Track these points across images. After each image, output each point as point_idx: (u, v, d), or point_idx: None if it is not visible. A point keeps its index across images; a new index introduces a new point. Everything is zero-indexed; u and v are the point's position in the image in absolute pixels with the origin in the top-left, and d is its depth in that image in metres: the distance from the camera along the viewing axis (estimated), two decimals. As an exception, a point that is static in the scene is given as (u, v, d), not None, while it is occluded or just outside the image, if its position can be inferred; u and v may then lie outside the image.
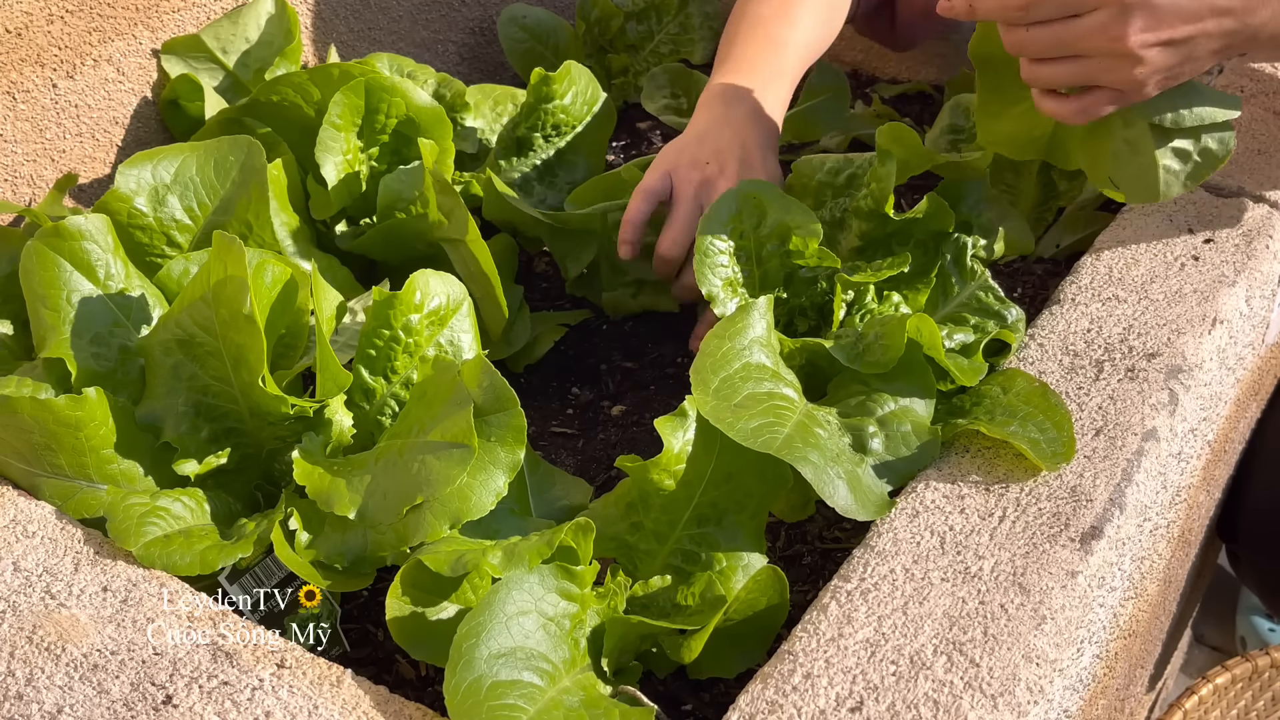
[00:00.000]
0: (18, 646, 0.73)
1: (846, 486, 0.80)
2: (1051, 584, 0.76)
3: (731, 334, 0.88)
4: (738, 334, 0.88)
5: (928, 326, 0.88)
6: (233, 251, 0.81)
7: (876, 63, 1.58)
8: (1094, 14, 0.90)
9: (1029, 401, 0.87)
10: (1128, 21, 0.89)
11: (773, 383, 0.86)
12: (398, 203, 1.10)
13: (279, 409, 0.86)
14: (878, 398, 0.88)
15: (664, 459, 0.82)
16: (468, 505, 0.77)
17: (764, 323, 0.90)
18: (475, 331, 0.94)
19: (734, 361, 0.86)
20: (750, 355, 0.87)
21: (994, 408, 0.88)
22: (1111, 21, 0.89)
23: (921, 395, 0.88)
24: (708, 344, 0.87)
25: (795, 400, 0.86)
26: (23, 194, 1.16)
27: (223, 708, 0.69)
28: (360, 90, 1.09)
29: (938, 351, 0.89)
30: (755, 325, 0.89)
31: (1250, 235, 1.06)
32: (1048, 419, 0.85)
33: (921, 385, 0.89)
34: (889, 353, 0.89)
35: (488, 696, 0.68)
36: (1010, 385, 0.89)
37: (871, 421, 0.86)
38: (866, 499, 0.81)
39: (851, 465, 0.82)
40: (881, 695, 0.70)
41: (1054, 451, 0.83)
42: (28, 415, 0.82)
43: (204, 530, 0.82)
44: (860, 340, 0.92)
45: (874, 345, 0.91)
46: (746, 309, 0.90)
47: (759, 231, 1.01)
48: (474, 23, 1.56)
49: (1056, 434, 0.84)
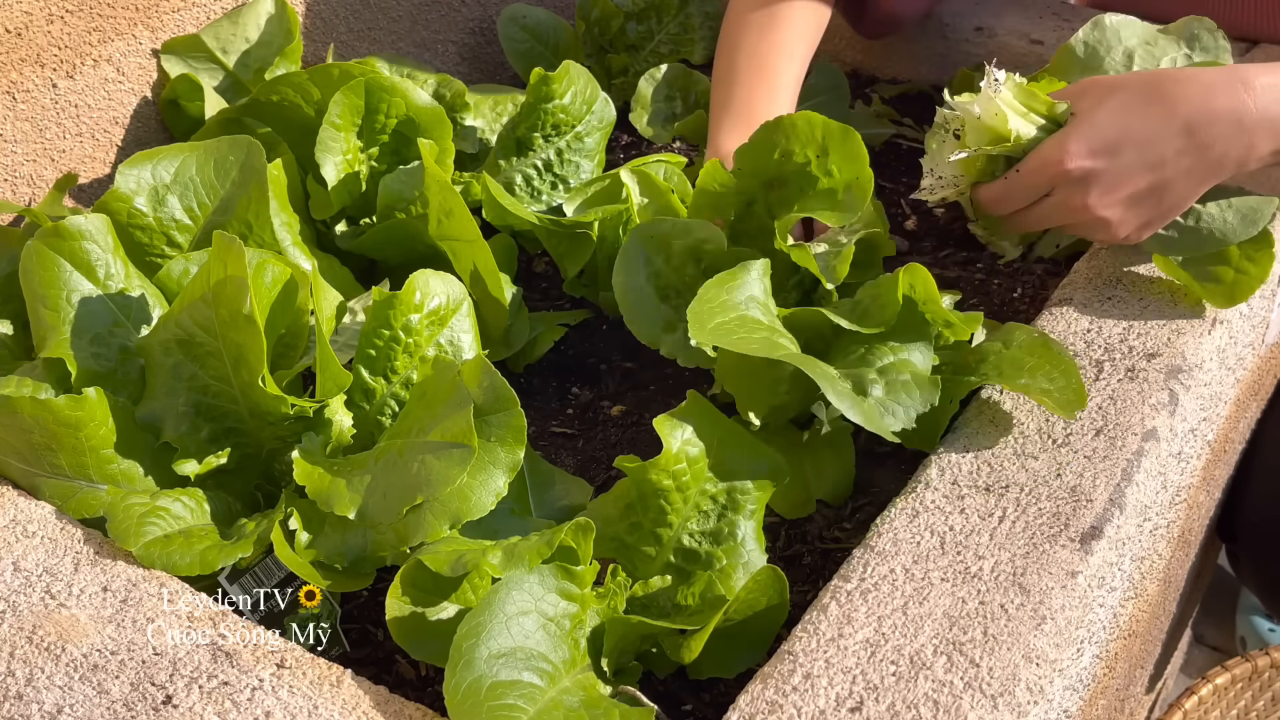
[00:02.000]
0: (18, 646, 0.73)
1: (854, 403, 0.81)
2: (1051, 584, 0.76)
3: (729, 287, 0.87)
4: (735, 288, 0.87)
5: (921, 278, 0.88)
6: (233, 251, 0.81)
7: (876, 63, 1.58)
8: (1056, 192, 0.95)
9: (1032, 353, 0.88)
10: (1086, 191, 0.93)
11: (768, 333, 0.86)
12: (398, 203, 1.10)
13: (279, 409, 0.86)
14: (877, 350, 0.88)
15: (663, 459, 0.82)
16: (468, 505, 0.77)
17: (761, 284, 0.89)
18: (475, 331, 0.94)
19: (730, 311, 0.86)
20: (747, 309, 0.87)
21: (1000, 363, 0.89)
22: (1072, 194, 0.94)
23: (921, 343, 0.88)
24: (705, 290, 0.86)
25: (793, 345, 0.86)
26: (23, 194, 1.16)
27: (223, 708, 0.69)
28: (360, 90, 1.09)
29: (935, 304, 0.89)
30: (752, 284, 0.89)
31: (1250, 235, 1.06)
32: (1054, 368, 0.86)
33: (918, 336, 0.89)
34: (887, 310, 0.89)
35: (488, 696, 0.68)
36: (1010, 339, 0.90)
37: (871, 371, 0.86)
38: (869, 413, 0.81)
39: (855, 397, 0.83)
40: (881, 695, 0.70)
41: (1067, 399, 0.84)
42: (28, 415, 0.82)
43: (204, 530, 0.82)
44: (858, 305, 0.92)
45: (871, 306, 0.91)
46: (744, 266, 0.89)
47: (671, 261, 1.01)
48: (474, 23, 1.56)
49: (1065, 382, 0.85)
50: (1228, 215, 0.96)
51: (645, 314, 0.98)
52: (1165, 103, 0.91)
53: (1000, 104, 0.96)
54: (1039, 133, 0.97)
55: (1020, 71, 1.35)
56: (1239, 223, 0.95)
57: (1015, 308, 1.15)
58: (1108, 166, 0.92)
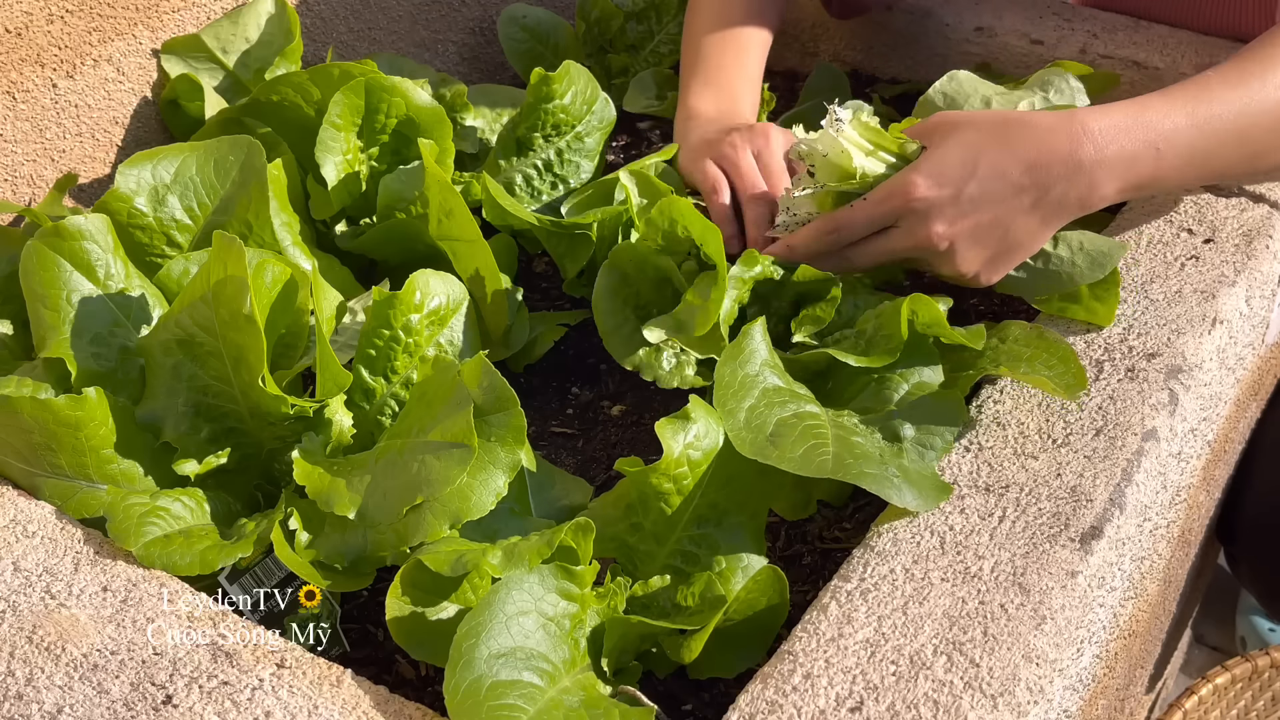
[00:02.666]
0: (18, 646, 0.73)
1: (908, 485, 0.80)
2: (1051, 584, 0.76)
3: (740, 361, 0.88)
4: (746, 361, 0.88)
5: (923, 305, 0.88)
6: (233, 251, 0.81)
7: (876, 63, 1.58)
8: (901, 222, 0.95)
9: (1029, 344, 0.89)
10: (930, 221, 0.93)
11: (795, 403, 0.86)
12: (398, 203, 1.10)
13: (279, 409, 0.86)
14: (889, 382, 0.89)
15: (664, 464, 0.82)
16: (468, 505, 0.76)
17: (765, 344, 0.90)
18: (475, 331, 0.94)
19: (753, 389, 0.86)
20: (765, 380, 0.87)
21: (998, 356, 0.90)
22: (917, 224, 0.94)
23: (929, 365, 0.89)
24: (721, 373, 0.86)
25: (820, 415, 0.86)
26: (23, 194, 1.16)
27: (223, 708, 0.69)
28: (360, 90, 1.09)
29: (941, 327, 0.90)
30: (759, 349, 0.89)
31: (1250, 235, 1.06)
32: (1052, 355, 0.88)
33: (925, 358, 0.90)
34: (893, 340, 0.90)
35: (488, 696, 0.68)
36: (1007, 334, 0.92)
37: (892, 407, 0.87)
38: (925, 487, 0.81)
39: (897, 460, 0.83)
40: (881, 695, 0.70)
41: (1068, 382, 0.86)
42: (28, 415, 0.82)
43: (204, 530, 0.82)
44: (861, 337, 0.93)
45: (876, 338, 0.91)
46: (747, 333, 0.90)
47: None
48: (474, 23, 1.56)
49: (1064, 368, 0.87)
50: (1077, 258, 0.97)
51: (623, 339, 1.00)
52: (1009, 143, 0.93)
53: (844, 141, 0.96)
54: (887, 170, 0.97)
55: (1020, 72, 1.36)
56: (1087, 266, 0.97)
57: (1015, 307, 1.15)
58: (952, 196, 0.92)
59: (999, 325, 0.94)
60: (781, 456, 0.80)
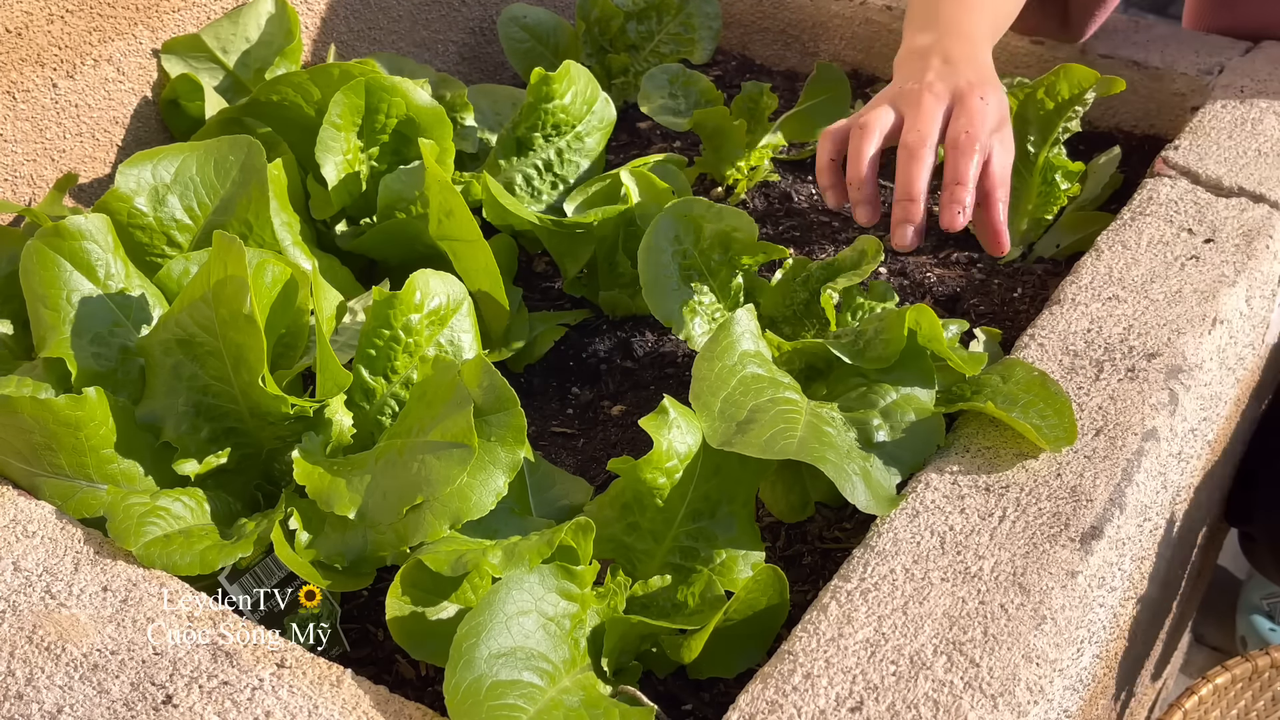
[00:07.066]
0: (18, 646, 0.73)
1: (864, 484, 0.81)
2: (1051, 584, 0.76)
3: (718, 354, 0.88)
4: (724, 353, 0.88)
5: (926, 318, 0.88)
6: (233, 251, 0.81)
7: (877, 63, 1.58)
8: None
9: (1029, 390, 0.88)
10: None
11: (773, 389, 0.86)
12: (398, 203, 1.10)
13: (279, 409, 0.86)
14: (879, 389, 0.88)
15: (654, 457, 0.82)
16: (468, 505, 0.77)
17: (750, 335, 0.90)
18: (475, 331, 0.94)
19: (729, 379, 0.86)
20: (744, 370, 0.87)
21: (994, 395, 0.89)
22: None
23: (922, 384, 0.89)
24: (699, 368, 0.87)
25: (799, 402, 0.86)
26: (23, 194, 1.16)
27: (223, 708, 0.69)
28: (360, 90, 1.09)
29: (939, 343, 0.89)
30: (740, 341, 0.90)
31: (1250, 235, 1.06)
32: (1048, 406, 0.86)
33: (921, 374, 0.89)
34: (890, 346, 0.89)
35: (488, 696, 0.68)
36: (1009, 374, 0.90)
37: (875, 414, 0.87)
38: (879, 495, 0.81)
39: (863, 462, 0.83)
40: (881, 695, 0.70)
41: (1055, 436, 0.84)
42: (28, 415, 0.82)
43: (204, 530, 0.82)
44: (860, 337, 0.93)
45: (874, 340, 0.91)
46: (727, 325, 0.90)
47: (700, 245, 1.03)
48: (474, 23, 1.56)
49: (1057, 420, 0.85)
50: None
51: (665, 291, 0.99)
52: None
53: None
54: None
55: (1022, 73, 1.35)
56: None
57: (1015, 308, 1.15)
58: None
59: (1002, 362, 0.92)
60: (746, 442, 0.81)
